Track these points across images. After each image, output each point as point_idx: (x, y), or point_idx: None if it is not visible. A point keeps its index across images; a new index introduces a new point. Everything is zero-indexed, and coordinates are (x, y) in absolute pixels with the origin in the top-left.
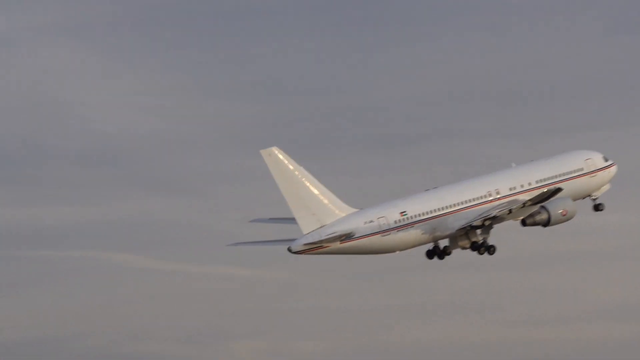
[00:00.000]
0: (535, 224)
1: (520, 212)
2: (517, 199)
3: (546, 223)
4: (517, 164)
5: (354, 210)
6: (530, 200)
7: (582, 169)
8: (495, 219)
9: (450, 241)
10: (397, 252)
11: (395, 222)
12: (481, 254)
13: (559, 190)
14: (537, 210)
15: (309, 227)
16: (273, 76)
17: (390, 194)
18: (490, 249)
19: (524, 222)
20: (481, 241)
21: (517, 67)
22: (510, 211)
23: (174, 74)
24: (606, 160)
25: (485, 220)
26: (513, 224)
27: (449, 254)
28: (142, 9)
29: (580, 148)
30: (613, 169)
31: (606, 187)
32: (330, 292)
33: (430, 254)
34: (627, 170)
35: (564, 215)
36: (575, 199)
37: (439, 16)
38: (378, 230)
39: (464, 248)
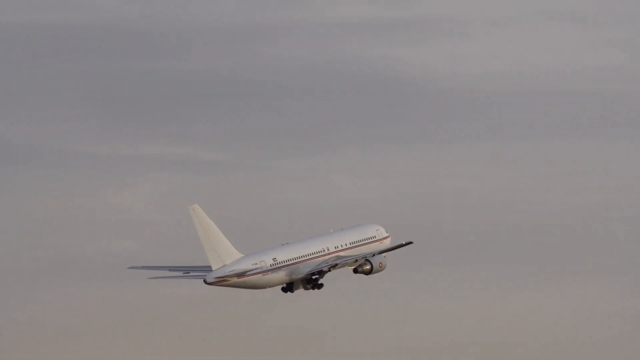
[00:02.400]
0: (363, 272)
1: (354, 263)
2: (340, 254)
3: (369, 272)
4: (333, 230)
5: (241, 255)
6: (386, 250)
7: (374, 237)
8: (336, 267)
9: (296, 281)
10: (268, 288)
11: (271, 265)
12: (313, 289)
13: (410, 242)
14: (364, 262)
15: (216, 266)
16: None
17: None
18: (320, 286)
19: (355, 270)
20: (315, 281)
21: None
22: (356, 260)
23: None
24: (386, 232)
25: (331, 267)
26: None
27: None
28: None
29: (371, 222)
30: (389, 239)
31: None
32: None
33: (284, 290)
34: None
35: (381, 266)
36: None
37: None
38: (260, 271)
39: (304, 287)
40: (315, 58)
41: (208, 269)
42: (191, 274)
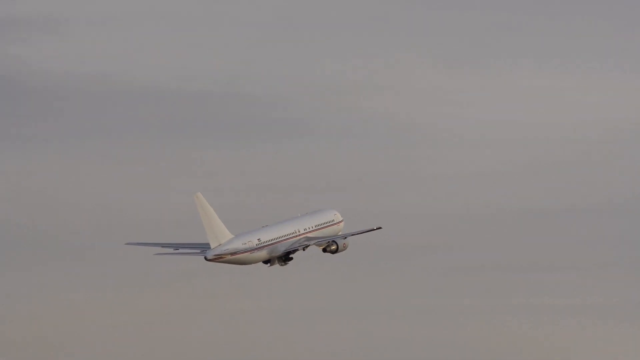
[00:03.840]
0: (330, 251)
1: (325, 243)
2: (308, 235)
3: (335, 251)
4: (301, 214)
5: (232, 235)
6: (357, 232)
7: (333, 220)
8: (308, 247)
9: (273, 257)
10: (253, 264)
11: (256, 244)
12: (285, 263)
13: (379, 227)
14: (331, 242)
15: (214, 244)
16: None
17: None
18: (289, 260)
19: (324, 250)
20: (287, 256)
21: None
22: (328, 242)
23: None
24: (341, 216)
25: (305, 247)
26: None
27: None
28: None
29: (330, 207)
30: (343, 222)
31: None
32: None
33: (265, 263)
34: None
35: (345, 246)
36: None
37: None
38: (249, 249)
39: (279, 262)
40: None
41: (196, 245)
42: (180, 250)
